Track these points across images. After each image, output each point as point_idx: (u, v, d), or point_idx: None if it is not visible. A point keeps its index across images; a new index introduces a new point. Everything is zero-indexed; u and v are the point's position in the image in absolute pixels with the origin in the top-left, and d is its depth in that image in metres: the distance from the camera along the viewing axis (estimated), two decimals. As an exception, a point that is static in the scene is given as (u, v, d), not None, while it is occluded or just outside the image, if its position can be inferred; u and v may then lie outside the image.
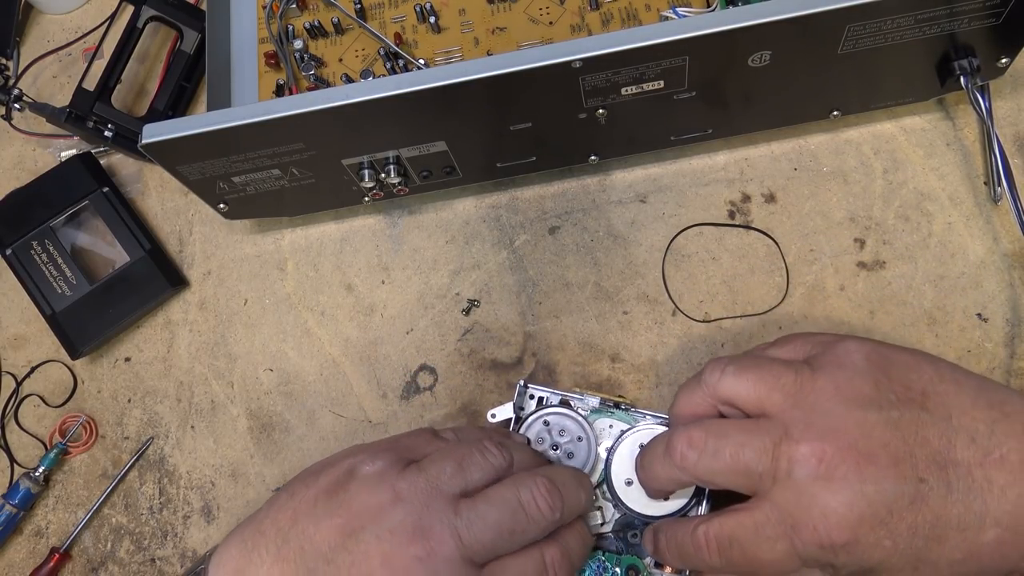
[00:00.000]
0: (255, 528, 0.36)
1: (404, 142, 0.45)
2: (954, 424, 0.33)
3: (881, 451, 0.33)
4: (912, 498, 0.32)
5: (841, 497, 0.33)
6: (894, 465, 0.33)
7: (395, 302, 0.51)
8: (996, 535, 0.33)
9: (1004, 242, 0.46)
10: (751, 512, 0.34)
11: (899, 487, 0.32)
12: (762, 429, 0.35)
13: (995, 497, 0.33)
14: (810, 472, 0.33)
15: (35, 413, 0.54)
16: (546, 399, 0.44)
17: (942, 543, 0.33)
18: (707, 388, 0.37)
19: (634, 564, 0.41)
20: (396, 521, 0.35)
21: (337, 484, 0.36)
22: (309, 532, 0.35)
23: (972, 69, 0.42)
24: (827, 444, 0.33)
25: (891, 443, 0.33)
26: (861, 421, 0.33)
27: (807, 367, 0.36)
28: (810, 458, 0.33)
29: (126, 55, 0.56)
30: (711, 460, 0.35)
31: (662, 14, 0.48)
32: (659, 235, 0.49)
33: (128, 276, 0.53)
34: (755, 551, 0.34)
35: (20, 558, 0.52)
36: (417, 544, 0.34)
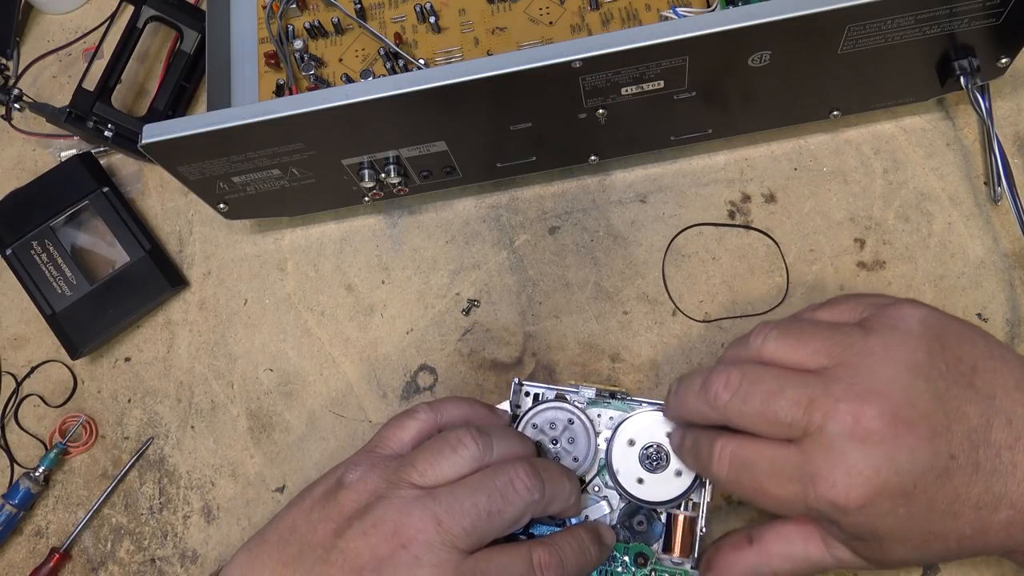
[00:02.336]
0: (259, 538, 0.39)
1: (404, 142, 0.45)
2: (996, 404, 0.33)
3: (922, 422, 0.32)
4: (939, 473, 0.32)
5: (871, 460, 0.32)
6: (931, 438, 0.32)
7: (395, 302, 0.51)
8: (1007, 516, 0.33)
9: (1004, 242, 0.46)
10: (775, 446, 0.34)
11: (931, 461, 0.32)
12: (801, 381, 0.34)
13: (1016, 480, 0.32)
14: (844, 429, 0.32)
15: (35, 413, 0.54)
16: (542, 395, 0.44)
17: (956, 519, 0.33)
18: (751, 351, 0.36)
19: (642, 551, 0.41)
20: (378, 515, 0.36)
21: (327, 494, 0.38)
22: (306, 536, 0.37)
23: (972, 69, 0.42)
24: (868, 405, 0.32)
25: (932, 415, 0.32)
26: (908, 388, 0.33)
27: (858, 329, 0.35)
28: (847, 416, 0.32)
29: (126, 55, 0.56)
30: (742, 402, 0.35)
31: (662, 14, 0.48)
32: (659, 235, 0.49)
33: (128, 276, 0.53)
34: (764, 483, 0.34)
35: (20, 558, 0.52)
36: (399, 534, 0.35)
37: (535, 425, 0.43)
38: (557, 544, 0.38)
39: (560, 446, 0.42)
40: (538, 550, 0.37)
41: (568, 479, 0.39)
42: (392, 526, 0.36)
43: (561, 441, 0.42)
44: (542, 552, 0.37)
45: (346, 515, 0.37)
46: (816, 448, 0.33)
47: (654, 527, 0.41)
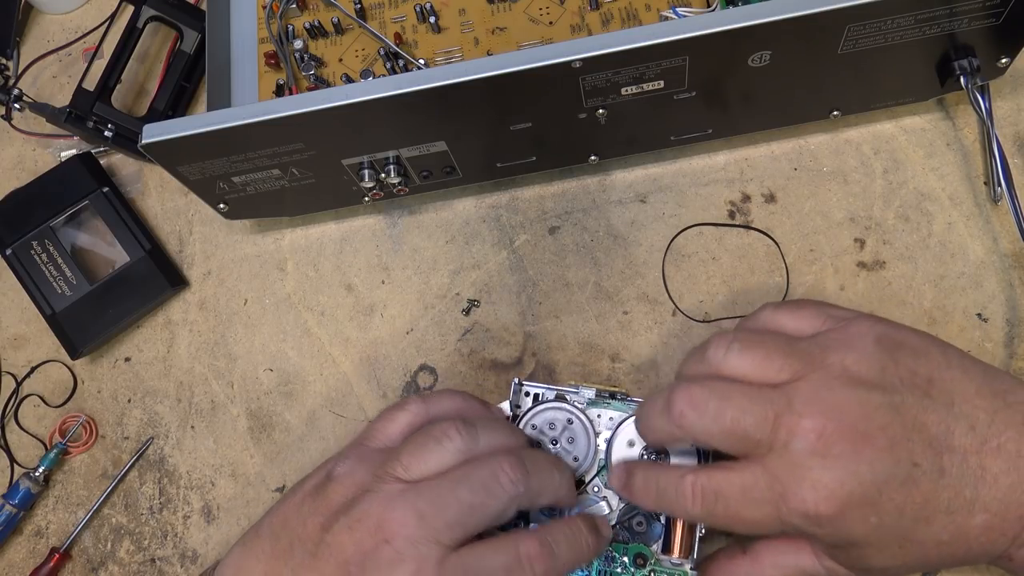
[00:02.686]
0: (254, 532, 0.39)
1: (404, 142, 0.45)
2: (955, 411, 0.34)
3: (879, 433, 0.33)
4: (903, 480, 0.33)
5: (834, 473, 0.33)
6: (890, 448, 0.33)
7: (395, 302, 0.51)
8: (984, 520, 0.33)
9: (1004, 242, 0.46)
10: (741, 472, 0.35)
11: (892, 469, 0.33)
12: (765, 398, 0.35)
13: (987, 484, 0.33)
14: (807, 446, 0.33)
15: (35, 413, 0.54)
16: (542, 395, 0.44)
17: (929, 523, 0.34)
18: (711, 366, 0.37)
19: (641, 552, 0.41)
20: (363, 510, 0.36)
21: (317, 487, 0.38)
22: (297, 530, 0.37)
23: (972, 69, 0.42)
24: (828, 421, 0.33)
25: (890, 426, 0.33)
26: (864, 402, 0.34)
27: (816, 346, 0.36)
28: (810, 432, 0.33)
29: (126, 55, 0.56)
30: (710, 422, 0.35)
31: (662, 14, 0.48)
32: (659, 235, 0.49)
33: (128, 276, 0.53)
34: (739, 509, 0.35)
35: (20, 558, 0.52)
36: (382, 528, 0.35)
37: (535, 425, 0.43)
38: (547, 534, 0.37)
39: (560, 446, 0.42)
40: (525, 542, 0.36)
41: (557, 470, 0.39)
42: (375, 520, 0.36)
43: (561, 441, 0.42)
44: (530, 544, 0.36)
45: (333, 509, 0.37)
46: (782, 465, 0.34)
47: (653, 528, 0.41)
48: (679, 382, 0.37)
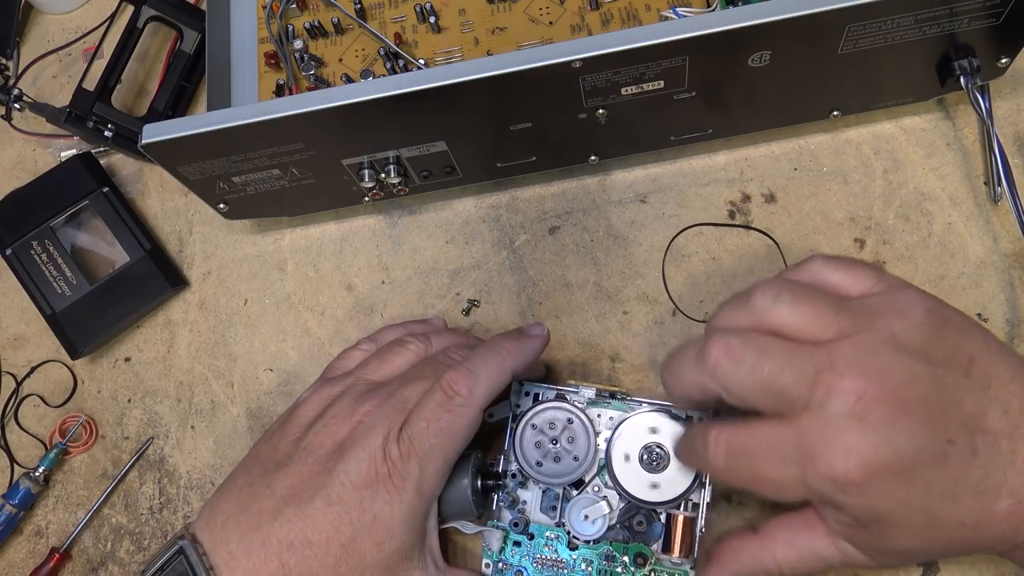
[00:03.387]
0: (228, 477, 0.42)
1: (404, 142, 0.45)
2: (991, 394, 0.33)
3: (919, 405, 0.32)
4: (937, 456, 0.32)
5: (869, 439, 0.32)
6: (928, 421, 0.32)
7: (395, 302, 0.51)
8: (1009, 506, 0.33)
9: (1004, 242, 0.46)
10: (770, 429, 0.34)
11: (928, 443, 0.32)
12: (807, 354, 0.33)
13: (1016, 469, 0.33)
14: (845, 408, 0.32)
15: (35, 413, 0.54)
16: (541, 395, 0.44)
17: (956, 504, 0.33)
18: (755, 314, 0.35)
19: (641, 551, 0.41)
20: (335, 410, 0.41)
21: (285, 418, 0.43)
22: (269, 454, 0.41)
23: (972, 69, 0.42)
24: (871, 384, 0.32)
25: (930, 399, 0.33)
26: (908, 370, 0.33)
27: (865, 308, 0.35)
28: (850, 394, 0.32)
29: (126, 55, 0.56)
30: (746, 374, 0.34)
31: (662, 14, 0.48)
32: (659, 235, 0.49)
33: (128, 276, 0.53)
34: (763, 468, 0.34)
35: (20, 558, 0.52)
36: (353, 416, 0.40)
37: (535, 425, 0.43)
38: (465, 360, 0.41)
39: (560, 446, 0.42)
40: (445, 374, 0.40)
41: (499, 354, 0.41)
42: (347, 413, 0.40)
43: (561, 441, 0.42)
44: (449, 374, 0.40)
45: (305, 424, 0.41)
46: (815, 426, 0.33)
47: (653, 527, 0.41)
48: (716, 331, 0.35)
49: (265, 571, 0.37)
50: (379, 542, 0.38)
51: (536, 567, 0.43)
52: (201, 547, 0.38)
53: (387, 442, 0.39)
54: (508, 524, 0.43)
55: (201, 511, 0.40)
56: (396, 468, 0.38)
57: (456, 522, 0.42)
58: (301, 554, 0.37)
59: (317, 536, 0.37)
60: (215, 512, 0.39)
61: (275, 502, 0.38)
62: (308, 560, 0.37)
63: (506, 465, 0.43)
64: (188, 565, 0.38)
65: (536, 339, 0.43)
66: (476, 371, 0.40)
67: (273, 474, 0.39)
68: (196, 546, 0.38)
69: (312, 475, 0.39)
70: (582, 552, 0.42)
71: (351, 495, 0.38)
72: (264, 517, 0.38)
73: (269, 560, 0.37)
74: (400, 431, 0.39)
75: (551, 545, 0.43)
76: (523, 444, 0.42)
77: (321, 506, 0.38)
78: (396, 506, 0.38)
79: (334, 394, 0.42)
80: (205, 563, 0.37)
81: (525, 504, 0.43)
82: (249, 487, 0.40)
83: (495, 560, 0.43)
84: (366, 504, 0.38)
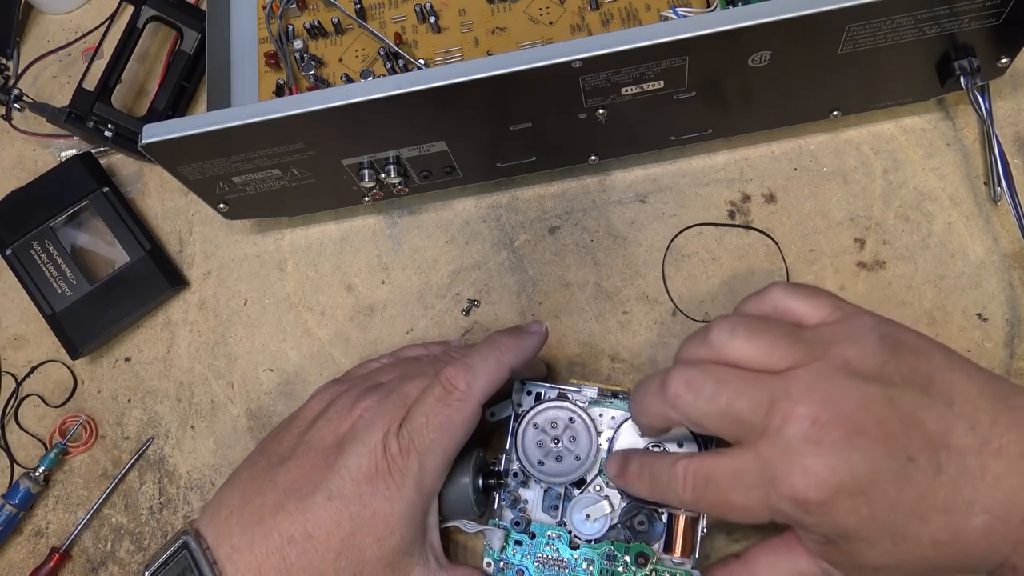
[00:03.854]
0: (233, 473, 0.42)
1: (404, 142, 0.45)
2: (956, 411, 0.34)
3: (875, 426, 0.33)
4: (897, 474, 0.33)
5: (825, 460, 0.33)
6: (884, 440, 0.33)
7: (395, 302, 0.51)
8: (984, 522, 0.33)
9: (1004, 242, 0.46)
10: (733, 457, 0.35)
11: (886, 462, 0.33)
12: (763, 383, 0.35)
13: (987, 485, 0.33)
14: (801, 432, 0.33)
15: (35, 413, 0.54)
16: (543, 394, 0.44)
17: (925, 522, 0.33)
18: (712, 348, 0.36)
19: (643, 551, 0.41)
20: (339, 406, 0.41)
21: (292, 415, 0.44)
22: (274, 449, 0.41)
23: (972, 69, 0.42)
24: (824, 409, 0.33)
25: (886, 420, 0.33)
26: (862, 394, 0.34)
27: (819, 337, 0.36)
28: (804, 419, 0.33)
29: (126, 55, 0.56)
30: (704, 403, 0.35)
31: (662, 14, 0.48)
32: (659, 235, 0.49)
33: (128, 276, 0.53)
34: (729, 494, 0.35)
35: (20, 558, 0.52)
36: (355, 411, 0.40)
37: (536, 424, 0.43)
38: (464, 356, 0.41)
39: (562, 445, 0.42)
40: (444, 369, 0.40)
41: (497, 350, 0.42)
42: (348, 407, 0.41)
43: (563, 440, 0.42)
44: (447, 368, 0.40)
45: (309, 419, 0.42)
46: (774, 451, 0.34)
47: (655, 527, 0.41)
48: (677, 364, 0.37)
49: (267, 565, 0.37)
50: (379, 538, 0.38)
51: (537, 566, 0.43)
52: (205, 541, 0.38)
53: (387, 438, 0.39)
54: (510, 523, 0.43)
55: (206, 506, 0.41)
56: (396, 464, 0.38)
57: (458, 521, 0.42)
58: (302, 548, 0.37)
59: (317, 530, 0.38)
60: (220, 506, 0.40)
61: (277, 496, 0.39)
62: (309, 554, 0.37)
63: (508, 464, 0.43)
64: (192, 560, 0.38)
65: (535, 336, 0.43)
66: (474, 366, 0.40)
67: (276, 468, 0.40)
68: (200, 540, 0.38)
69: (313, 469, 0.39)
70: (583, 551, 0.42)
71: (351, 490, 0.38)
72: (267, 511, 0.38)
73: (271, 554, 0.37)
74: (400, 427, 0.39)
75: (552, 544, 0.43)
76: (525, 443, 0.42)
77: (322, 500, 0.38)
78: (396, 502, 0.38)
79: (340, 391, 0.43)
80: (208, 557, 0.38)
81: (527, 503, 0.43)
82: (253, 480, 0.40)
83: (496, 559, 0.43)
84: (366, 499, 0.38)
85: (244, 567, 0.37)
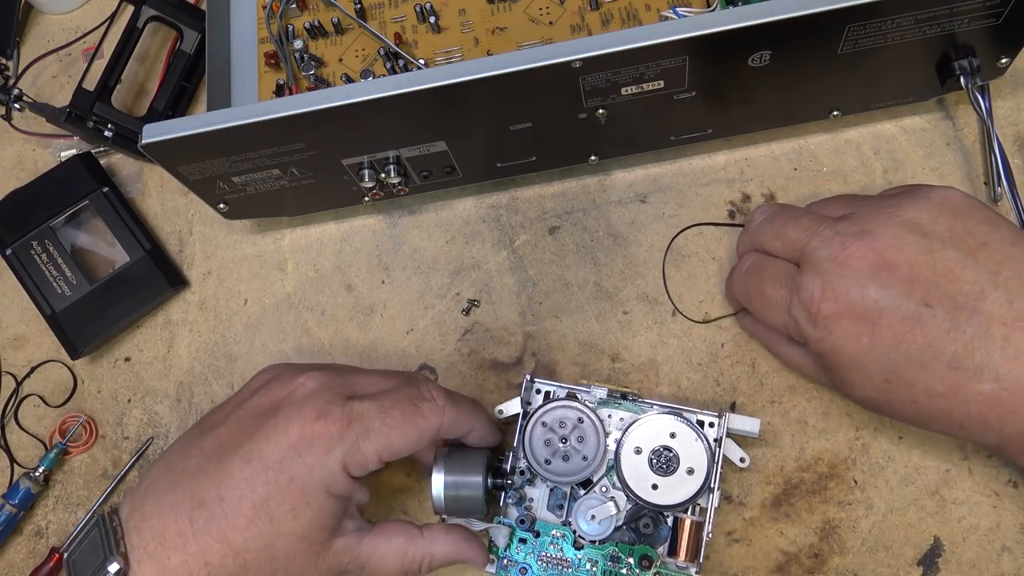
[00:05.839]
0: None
1: (404, 142, 0.45)
2: (998, 280, 0.35)
3: (903, 265, 0.35)
4: (909, 315, 0.35)
5: (845, 282, 0.36)
6: (908, 281, 0.35)
7: (395, 302, 0.51)
8: (991, 390, 0.34)
9: (1004, 242, 0.46)
10: (780, 260, 0.40)
11: (900, 299, 0.35)
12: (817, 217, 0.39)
13: (1007, 357, 0.34)
14: (830, 253, 0.36)
15: (35, 413, 0.54)
16: (553, 392, 0.44)
17: (925, 369, 0.35)
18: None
19: (647, 553, 0.41)
20: (283, 377, 0.40)
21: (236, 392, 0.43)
22: (214, 419, 0.40)
23: (972, 69, 0.42)
24: (859, 240, 0.36)
25: (917, 264, 0.35)
26: (899, 236, 0.36)
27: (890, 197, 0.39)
28: (836, 244, 0.36)
29: (126, 55, 0.56)
30: (767, 222, 0.41)
31: (662, 14, 0.48)
32: (659, 235, 0.49)
33: (128, 276, 0.53)
34: (764, 284, 0.40)
35: (20, 558, 0.52)
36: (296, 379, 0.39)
37: (545, 423, 0.43)
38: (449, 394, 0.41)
39: (569, 445, 0.42)
40: (429, 383, 0.40)
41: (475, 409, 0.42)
42: (291, 377, 0.39)
43: (570, 440, 0.42)
44: (432, 384, 0.40)
45: (251, 390, 0.40)
46: (807, 265, 0.37)
47: (660, 530, 0.41)
48: None
49: (173, 530, 0.35)
50: (294, 507, 0.36)
51: (541, 565, 0.43)
52: (117, 515, 0.37)
53: (327, 405, 0.37)
54: (515, 521, 0.43)
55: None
56: (327, 431, 0.36)
57: (463, 519, 0.42)
58: (210, 512, 0.35)
59: (229, 493, 0.35)
60: (142, 479, 0.39)
61: (199, 460, 0.37)
62: (217, 519, 0.35)
63: (514, 462, 0.43)
64: (101, 534, 0.36)
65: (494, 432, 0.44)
66: (456, 400, 0.40)
67: (206, 434, 0.38)
68: (114, 515, 0.37)
69: (241, 431, 0.37)
70: (587, 552, 0.43)
71: (272, 452, 0.36)
72: (185, 476, 0.37)
73: (179, 519, 0.35)
74: (347, 400, 0.37)
75: (557, 544, 0.43)
76: (532, 441, 0.43)
77: (239, 461, 0.36)
78: (316, 470, 0.36)
79: (290, 366, 0.41)
80: (116, 530, 0.36)
81: (532, 502, 0.43)
82: (180, 449, 0.38)
83: (500, 556, 0.43)
84: (285, 464, 0.36)
85: (149, 535, 0.35)
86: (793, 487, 0.44)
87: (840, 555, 0.43)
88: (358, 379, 0.40)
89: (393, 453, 0.38)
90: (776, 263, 0.40)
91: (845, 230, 0.37)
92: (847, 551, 0.43)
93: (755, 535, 0.44)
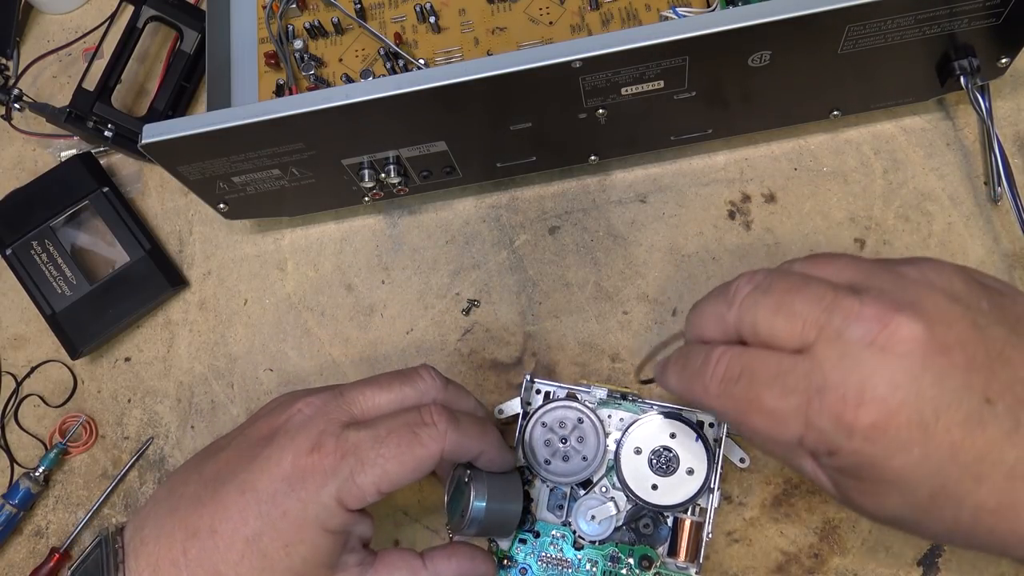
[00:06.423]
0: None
1: (404, 142, 0.45)
2: None
3: (957, 347, 0.27)
4: (970, 415, 0.27)
5: (892, 375, 0.27)
6: (966, 369, 0.27)
7: (395, 302, 0.51)
8: None
9: (1004, 242, 0.46)
10: (781, 355, 0.29)
11: (962, 394, 0.27)
12: (827, 284, 0.30)
13: None
14: (867, 335, 0.28)
15: (35, 413, 0.54)
16: (553, 393, 0.44)
17: (979, 482, 0.27)
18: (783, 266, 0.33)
19: (647, 554, 0.41)
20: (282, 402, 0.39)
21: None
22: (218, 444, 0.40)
23: (972, 69, 0.42)
24: (899, 314, 0.28)
25: (971, 344, 0.28)
26: (944, 309, 0.28)
27: (898, 267, 0.31)
28: (873, 320, 0.28)
29: (126, 55, 0.56)
30: (762, 295, 0.30)
31: (662, 14, 0.48)
32: (659, 235, 0.49)
33: (128, 276, 0.53)
34: (761, 393, 0.30)
35: (20, 558, 0.52)
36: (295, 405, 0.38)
37: (544, 423, 0.43)
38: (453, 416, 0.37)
39: (569, 445, 0.42)
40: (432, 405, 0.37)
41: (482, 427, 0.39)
42: (289, 403, 0.38)
43: (570, 440, 0.42)
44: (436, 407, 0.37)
45: (257, 415, 0.40)
46: (830, 354, 0.28)
47: (660, 530, 0.41)
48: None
49: (166, 559, 0.35)
50: (287, 544, 0.34)
51: (541, 565, 0.43)
52: (121, 536, 0.36)
53: (322, 435, 0.35)
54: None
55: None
56: (321, 464, 0.34)
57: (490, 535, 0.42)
58: (203, 544, 0.34)
59: (223, 525, 0.34)
60: (149, 500, 0.38)
61: (198, 487, 0.36)
62: (209, 552, 0.34)
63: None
64: (103, 555, 0.35)
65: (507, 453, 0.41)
66: (462, 422, 0.37)
67: (209, 459, 0.37)
68: (118, 535, 0.36)
69: (238, 459, 0.36)
70: (587, 552, 0.43)
71: (266, 485, 0.34)
72: (184, 501, 0.36)
73: (173, 547, 0.35)
74: (343, 429, 0.35)
75: (556, 544, 0.43)
76: (532, 441, 0.43)
77: (234, 492, 0.35)
78: (310, 506, 0.34)
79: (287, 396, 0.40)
80: (118, 554, 0.35)
81: (532, 502, 0.43)
82: (184, 473, 0.38)
83: (500, 557, 0.43)
84: (279, 498, 0.34)
85: (144, 562, 0.35)
86: (793, 487, 0.44)
87: (840, 555, 0.43)
88: (357, 399, 0.38)
89: (392, 484, 0.35)
90: (771, 359, 0.30)
91: (873, 300, 0.28)
92: (847, 551, 0.43)
93: (755, 535, 0.44)
